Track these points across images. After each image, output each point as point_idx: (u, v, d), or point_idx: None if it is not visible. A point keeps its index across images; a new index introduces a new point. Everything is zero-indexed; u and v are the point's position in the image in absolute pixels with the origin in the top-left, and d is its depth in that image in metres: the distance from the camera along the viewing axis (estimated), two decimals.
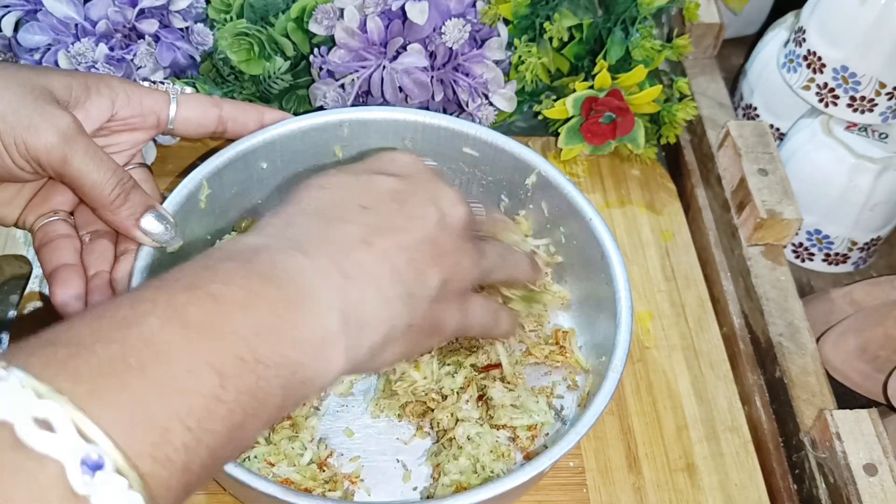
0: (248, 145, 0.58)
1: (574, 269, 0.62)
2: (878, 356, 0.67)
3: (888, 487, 0.54)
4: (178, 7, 0.66)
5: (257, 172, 0.60)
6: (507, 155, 0.61)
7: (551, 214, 0.61)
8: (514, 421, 0.56)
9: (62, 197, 0.54)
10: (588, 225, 0.57)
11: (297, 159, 0.61)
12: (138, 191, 0.51)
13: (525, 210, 0.63)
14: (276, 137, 0.59)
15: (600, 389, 0.50)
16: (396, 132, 0.62)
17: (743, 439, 0.61)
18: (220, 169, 0.57)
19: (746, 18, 0.92)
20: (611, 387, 0.50)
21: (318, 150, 0.61)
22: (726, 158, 0.73)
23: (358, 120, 0.61)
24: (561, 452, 0.48)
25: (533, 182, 0.61)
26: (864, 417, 0.57)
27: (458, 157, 0.62)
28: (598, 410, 0.50)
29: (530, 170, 0.60)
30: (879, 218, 0.76)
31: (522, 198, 0.62)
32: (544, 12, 0.72)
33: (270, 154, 0.60)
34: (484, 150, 0.61)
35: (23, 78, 0.48)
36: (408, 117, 0.61)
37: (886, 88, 0.71)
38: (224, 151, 0.58)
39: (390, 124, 0.61)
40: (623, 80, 0.71)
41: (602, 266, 0.56)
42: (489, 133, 0.61)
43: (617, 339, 0.53)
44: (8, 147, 0.47)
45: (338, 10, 0.67)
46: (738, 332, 0.67)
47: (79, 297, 0.50)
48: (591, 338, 0.60)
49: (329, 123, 0.61)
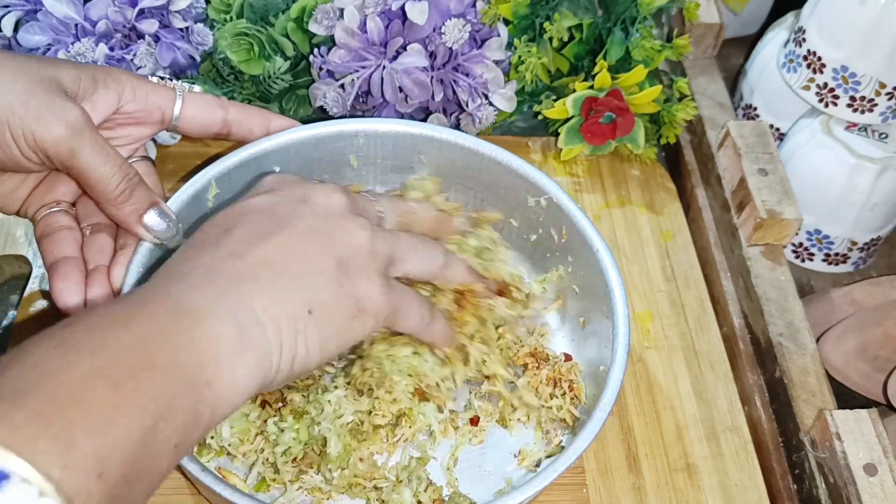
0: (262, 148, 0.58)
1: (578, 294, 0.61)
2: (878, 356, 0.67)
3: (888, 487, 0.54)
4: (178, 7, 0.66)
5: None
6: (517, 175, 0.60)
7: (559, 240, 0.60)
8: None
9: (65, 188, 0.54)
10: (595, 256, 0.56)
11: (311, 166, 0.61)
12: (143, 187, 0.51)
13: (536, 235, 0.62)
14: (290, 143, 0.58)
15: (587, 425, 0.50)
16: (414, 146, 0.61)
17: (743, 439, 0.61)
18: (231, 170, 0.57)
19: (746, 18, 0.92)
20: (596, 427, 0.50)
21: (332, 157, 0.61)
22: (726, 158, 0.73)
23: (374, 132, 0.61)
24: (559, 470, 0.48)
25: (542, 205, 0.60)
26: (864, 417, 0.57)
27: (473, 174, 0.62)
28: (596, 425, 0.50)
29: (541, 193, 0.59)
30: (879, 218, 0.76)
31: (532, 220, 0.61)
32: (544, 12, 0.72)
33: (284, 159, 0.59)
34: (495, 169, 0.60)
35: (32, 69, 0.48)
36: (423, 132, 0.60)
37: (886, 88, 0.71)
38: (236, 153, 0.57)
39: (406, 138, 0.61)
40: (623, 80, 0.71)
41: (605, 299, 0.56)
42: (504, 154, 0.60)
43: (609, 377, 0.52)
44: (16, 138, 0.47)
45: (338, 10, 0.67)
46: (738, 332, 0.67)
47: (78, 291, 0.50)
48: (586, 360, 0.59)
49: (344, 133, 0.60)
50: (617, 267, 0.56)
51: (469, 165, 0.61)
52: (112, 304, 0.39)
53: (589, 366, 0.58)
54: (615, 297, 0.54)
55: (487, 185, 0.62)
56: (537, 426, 0.58)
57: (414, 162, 0.62)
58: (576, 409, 0.57)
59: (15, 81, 0.47)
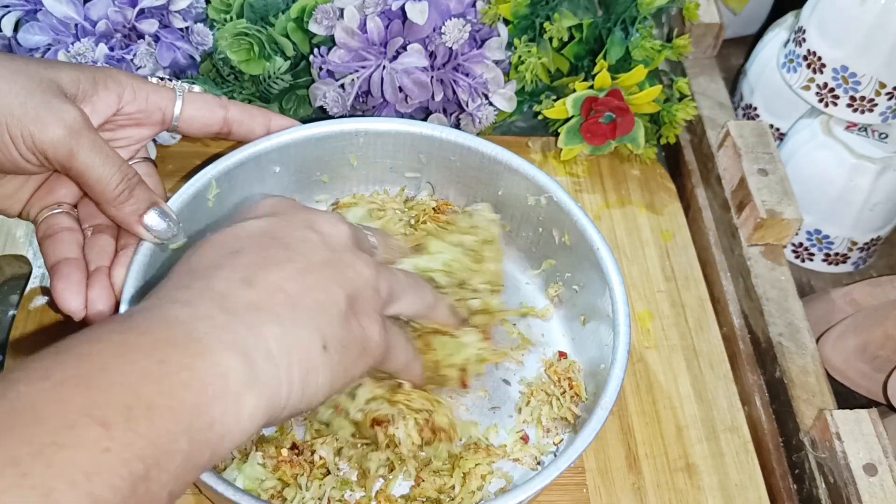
0: (262, 148, 0.58)
1: (578, 293, 0.61)
2: (878, 356, 0.67)
3: (888, 487, 0.54)
4: (178, 7, 0.66)
5: (270, 176, 0.60)
6: (517, 174, 0.60)
7: (560, 238, 0.60)
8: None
9: (66, 189, 0.54)
10: (595, 255, 0.56)
11: (311, 165, 0.61)
12: (143, 187, 0.51)
13: (535, 233, 0.62)
14: (290, 142, 0.58)
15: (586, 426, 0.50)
16: (413, 145, 0.61)
17: (743, 439, 0.61)
18: (231, 169, 0.57)
19: (746, 18, 0.92)
20: (597, 426, 0.50)
21: (333, 157, 0.61)
22: (726, 158, 0.73)
23: (375, 131, 0.61)
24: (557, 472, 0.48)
25: (541, 204, 0.60)
26: (864, 417, 0.57)
27: (473, 174, 0.62)
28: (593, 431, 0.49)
29: (541, 191, 0.59)
30: (879, 218, 0.76)
31: (532, 219, 0.62)
32: (544, 12, 0.72)
33: (284, 158, 0.59)
34: (495, 168, 0.61)
35: (31, 71, 0.48)
36: (423, 131, 0.60)
37: (886, 88, 0.71)
38: (236, 152, 0.57)
39: (406, 137, 0.61)
40: (623, 80, 0.71)
41: (606, 298, 0.56)
42: (504, 153, 0.60)
43: (610, 375, 0.52)
44: (15, 140, 0.47)
45: (338, 10, 0.67)
46: (738, 332, 0.67)
47: (79, 292, 0.50)
48: (587, 361, 0.59)
49: (345, 132, 0.60)
50: (617, 265, 0.56)
51: (469, 165, 0.61)
52: (108, 326, 0.35)
53: (589, 364, 0.58)
54: (616, 296, 0.54)
55: (487, 184, 0.62)
56: (538, 424, 0.58)
57: (414, 161, 0.63)
58: (577, 408, 0.57)
59: (14, 83, 0.47)
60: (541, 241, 0.62)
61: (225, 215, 0.59)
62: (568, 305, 0.62)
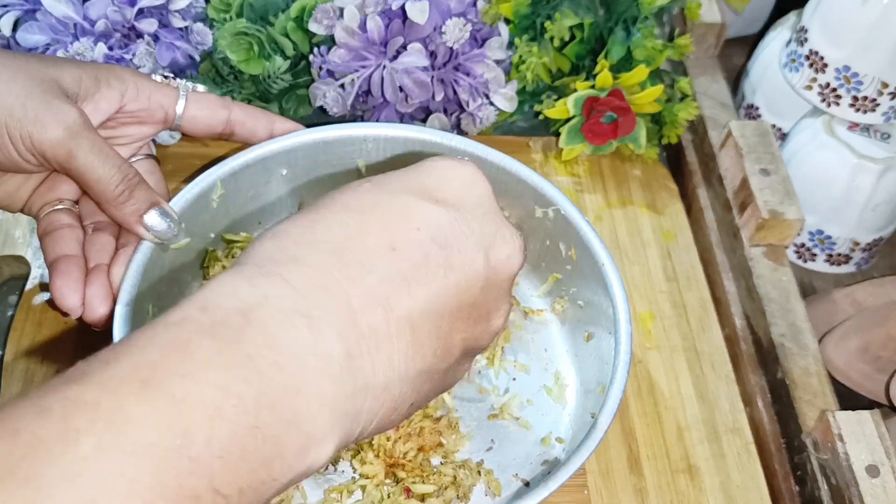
0: (269, 150, 0.57)
1: (583, 308, 0.60)
2: (881, 357, 0.67)
3: (890, 489, 0.53)
4: (178, 6, 0.66)
5: (276, 178, 0.59)
6: (526, 185, 0.59)
7: (567, 252, 0.59)
8: None
9: (67, 187, 0.54)
10: (600, 271, 0.55)
11: (318, 168, 0.60)
12: (143, 187, 0.51)
13: (542, 246, 0.61)
14: (298, 145, 0.58)
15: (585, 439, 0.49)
16: (423, 152, 0.60)
17: (745, 440, 0.60)
18: (237, 171, 0.56)
19: (748, 18, 0.91)
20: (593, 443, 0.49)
21: (341, 161, 0.60)
22: (728, 158, 0.72)
23: (384, 137, 0.60)
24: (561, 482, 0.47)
25: (549, 217, 0.59)
26: (867, 419, 0.56)
27: None
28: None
29: (549, 204, 0.58)
30: (882, 218, 0.75)
31: (539, 231, 0.61)
32: (545, 12, 0.72)
33: (291, 161, 0.59)
34: (503, 178, 0.60)
35: (32, 69, 0.48)
36: (433, 138, 0.59)
37: (889, 88, 0.70)
38: (242, 154, 0.57)
39: (416, 143, 0.60)
40: (624, 80, 0.71)
41: (609, 314, 0.55)
42: (513, 163, 0.59)
43: (608, 394, 0.51)
44: (14, 140, 0.47)
45: (338, 9, 0.67)
46: (740, 332, 0.67)
47: (77, 289, 0.50)
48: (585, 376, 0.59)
49: (354, 137, 0.60)
50: (622, 281, 0.55)
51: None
52: (207, 362, 0.30)
53: (590, 381, 0.58)
54: (619, 314, 0.53)
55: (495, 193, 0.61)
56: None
57: None
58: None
59: (14, 82, 0.47)
60: (548, 255, 0.61)
61: (237, 212, 0.59)
62: (572, 322, 0.61)
